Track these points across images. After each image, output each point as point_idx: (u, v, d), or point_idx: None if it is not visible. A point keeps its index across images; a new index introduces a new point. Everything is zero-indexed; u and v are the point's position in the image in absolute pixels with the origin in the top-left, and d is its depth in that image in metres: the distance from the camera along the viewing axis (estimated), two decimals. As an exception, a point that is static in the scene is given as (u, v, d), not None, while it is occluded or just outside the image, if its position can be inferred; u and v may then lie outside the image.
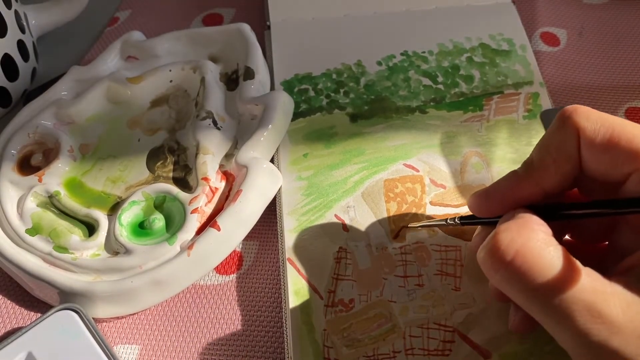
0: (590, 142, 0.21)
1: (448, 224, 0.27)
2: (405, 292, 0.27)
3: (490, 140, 0.32)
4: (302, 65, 0.36)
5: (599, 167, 0.22)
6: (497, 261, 0.20)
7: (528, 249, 0.20)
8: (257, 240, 0.32)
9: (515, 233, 0.20)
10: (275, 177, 0.31)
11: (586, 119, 0.22)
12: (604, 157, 0.21)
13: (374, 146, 0.32)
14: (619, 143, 0.21)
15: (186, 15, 0.44)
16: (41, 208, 0.31)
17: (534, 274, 0.19)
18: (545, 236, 0.20)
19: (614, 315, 0.18)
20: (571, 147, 0.22)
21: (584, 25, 0.40)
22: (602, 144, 0.21)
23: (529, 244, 0.20)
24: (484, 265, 0.21)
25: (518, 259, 0.20)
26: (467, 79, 0.35)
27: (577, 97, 0.36)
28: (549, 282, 0.19)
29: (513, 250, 0.20)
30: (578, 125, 0.22)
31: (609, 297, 0.19)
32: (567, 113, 0.22)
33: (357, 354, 0.26)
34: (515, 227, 0.21)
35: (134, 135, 0.34)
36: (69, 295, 0.28)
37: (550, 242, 0.20)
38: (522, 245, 0.20)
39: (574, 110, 0.22)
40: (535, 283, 0.19)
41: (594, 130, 0.21)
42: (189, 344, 0.28)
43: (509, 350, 0.25)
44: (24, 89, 0.40)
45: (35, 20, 0.41)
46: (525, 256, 0.20)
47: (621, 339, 0.18)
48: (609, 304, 0.19)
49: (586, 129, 0.21)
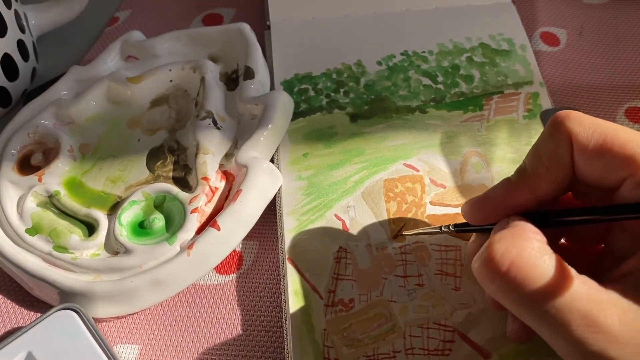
0: (583, 148, 0.21)
1: (442, 231, 0.27)
2: (405, 291, 0.27)
3: (490, 140, 0.32)
4: (302, 65, 0.36)
5: (592, 173, 0.22)
6: (492, 272, 0.20)
7: (523, 258, 0.19)
8: (257, 240, 0.32)
9: (509, 242, 0.20)
10: (275, 176, 0.31)
11: (578, 125, 0.21)
12: (598, 162, 0.21)
13: (374, 146, 0.32)
14: (612, 148, 0.21)
15: (186, 15, 0.44)
16: (41, 208, 0.31)
17: (529, 284, 0.19)
18: (540, 244, 0.20)
19: (610, 324, 0.18)
20: (564, 154, 0.22)
21: (584, 25, 0.40)
22: (595, 149, 0.21)
23: (524, 253, 0.20)
24: (479, 275, 0.21)
25: (513, 270, 0.19)
26: (467, 79, 0.35)
27: (577, 97, 0.36)
28: (544, 291, 0.19)
29: (508, 261, 0.20)
30: (570, 131, 0.21)
31: (605, 305, 0.19)
32: (559, 119, 0.22)
33: (357, 353, 0.26)
34: (510, 236, 0.20)
35: (134, 135, 0.34)
36: (68, 295, 0.28)
37: (545, 251, 0.20)
38: (516, 255, 0.20)
39: (566, 115, 0.22)
40: (530, 293, 0.19)
41: (586, 136, 0.21)
42: (189, 344, 0.28)
43: (509, 350, 0.25)
44: (24, 88, 0.40)
45: (35, 20, 0.41)
46: (520, 266, 0.19)
47: (618, 348, 0.18)
48: (605, 313, 0.18)
49: (579, 135, 0.21)
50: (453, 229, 0.26)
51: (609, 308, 0.18)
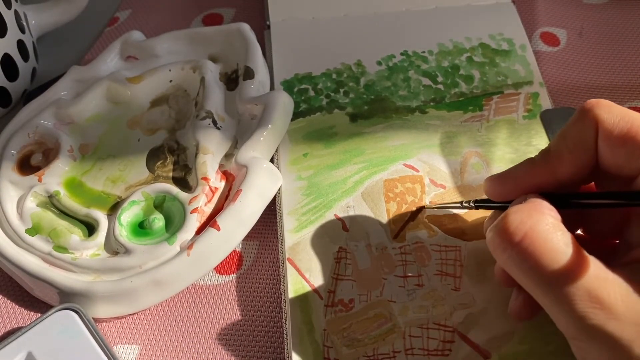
0: (608, 135, 0.22)
1: (463, 206, 0.27)
2: (405, 292, 0.27)
3: (490, 140, 0.32)
4: (302, 65, 0.36)
5: (614, 160, 0.22)
6: (506, 241, 0.21)
7: (536, 231, 0.20)
8: (257, 240, 0.32)
9: (525, 215, 0.21)
10: (275, 176, 0.31)
11: (607, 112, 0.22)
12: (620, 150, 0.22)
13: (374, 146, 0.32)
14: (635, 137, 0.21)
15: (186, 15, 0.44)
16: (41, 208, 0.31)
17: (541, 256, 0.20)
18: (554, 221, 0.21)
19: (612, 302, 0.19)
20: (589, 138, 0.22)
21: (584, 25, 0.40)
22: (619, 136, 0.21)
23: (538, 227, 0.20)
24: (492, 244, 0.21)
25: (526, 240, 0.20)
26: (467, 79, 0.35)
27: (577, 97, 0.36)
28: (554, 265, 0.20)
29: (522, 232, 0.20)
30: (598, 117, 0.22)
31: (610, 285, 0.19)
32: (588, 105, 0.22)
33: (357, 354, 0.26)
34: (526, 209, 0.21)
35: (134, 135, 0.34)
36: (68, 295, 0.28)
37: (558, 227, 0.21)
38: (531, 228, 0.20)
39: (595, 103, 0.22)
40: (541, 265, 0.20)
41: (613, 122, 0.22)
42: (189, 344, 0.28)
43: (509, 350, 0.25)
44: (24, 89, 0.40)
45: (35, 20, 0.41)
46: (533, 238, 0.20)
47: (616, 324, 0.19)
48: (608, 292, 0.19)
49: (605, 121, 0.22)
50: (473, 205, 0.26)
51: (613, 287, 0.19)
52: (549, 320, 0.21)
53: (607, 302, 0.19)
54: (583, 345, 0.20)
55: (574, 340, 0.20)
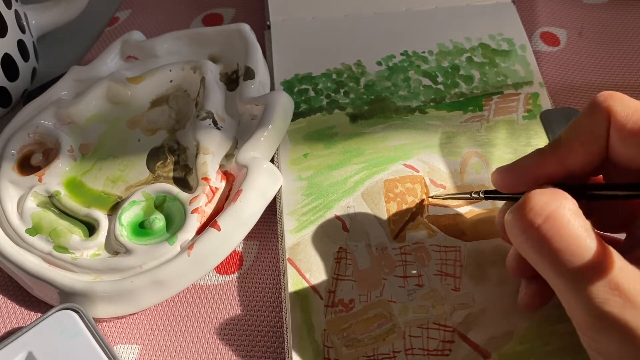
0: (621, 127, 0.22)
1: (472, 197, 0.27)
2: (405, 292, 0.27)
3: (490, 140, 0.32)
4: (302, 65, 0.36)
5: (626, 152, 0.22)
6: (527, 222, 0.20)
7: (559, 215, 0.20)
8: (257, 240, 0.32)
9: (549, 197, 0.21)
10: (276, 177, 0.31)
11: (620, 104, 0.22)
12: (632, 143, 0.21)
13: (374, 146, 0.32)
14: None
15: (186, 15, 0.44)
16: (41, 208, 0.31)
17: (562, 239, 0.20)
18: (576, 207, 0.21)
19: (632, 291, 0.19)
20: (601, 130, 0.22)
21: (584, 25, 0.40)
22: (632, 129, 0.21)
23: (561, 210, 0.20)
24: (512, 225, 0.21)
25: (549, 223, 0.20)
26: (467, 79, 0.35)
27: (577, 97, 0.36)
28: (575, 250, 0.20)
29: (545, 213, 0.20)
30: (611, 109, 0.22)
31: (630, 274, 0.19)
32: (601, 97, 0.22)
33: (357, 354, 0.26)
34: (551, 192, 0.21)
35: (134, 135, 0.34)
36: (69, 295, 0.28)
37: (579, 214, 0.20)
38: (554, 210, 0.20)
39: (609, 95, 0.22)
40: (560, 249, 0.20)
41: (626, 115, 0.22)
42: (189, 344, 0.28)
43: (509, 350, 0.25)
44: (24, 89, 0.40)
45: (35, 20, 0.41)
46: (556, 221, 0.20)
47: (634, 313, 0.19)
48: (629, 281, 0.19)
49: (618, 113, 0.22)
50: (482, 196, 0.26)
51: (633, 277, 0.19)
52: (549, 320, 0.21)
53: (627, 290, 0.19)
54: (594, 335, 0.20)
55: (584, 330, 0.20)
